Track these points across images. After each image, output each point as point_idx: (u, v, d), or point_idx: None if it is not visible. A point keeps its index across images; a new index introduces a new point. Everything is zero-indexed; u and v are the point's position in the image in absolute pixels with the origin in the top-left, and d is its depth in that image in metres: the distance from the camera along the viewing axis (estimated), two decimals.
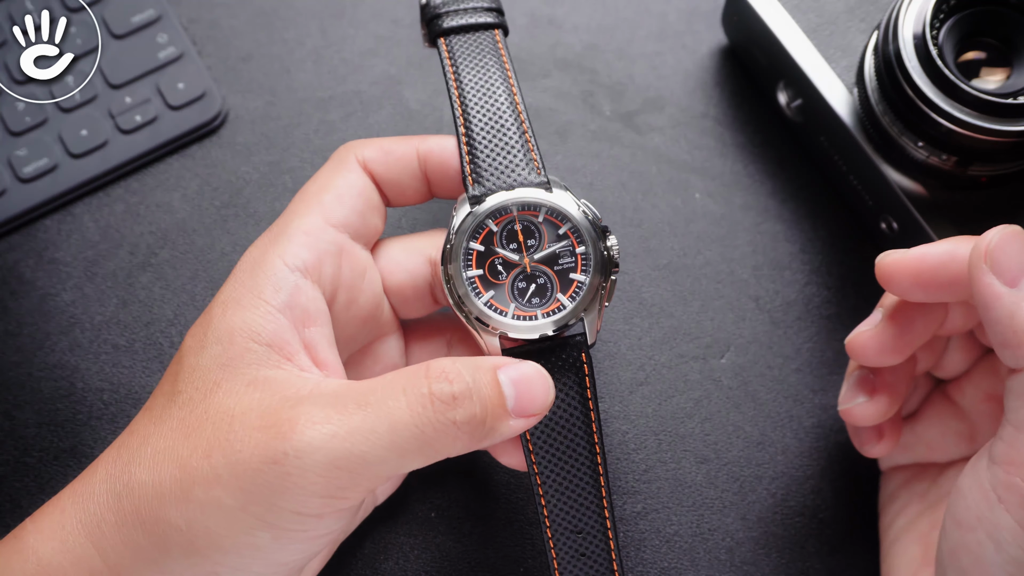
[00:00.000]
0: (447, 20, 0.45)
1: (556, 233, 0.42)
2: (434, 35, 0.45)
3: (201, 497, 0.37)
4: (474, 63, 0.44)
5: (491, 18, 0.45)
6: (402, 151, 0.44)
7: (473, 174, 0.43)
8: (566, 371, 0.42)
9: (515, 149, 0.43)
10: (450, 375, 0.38)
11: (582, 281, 0.42)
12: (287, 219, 0.42)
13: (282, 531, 0.37)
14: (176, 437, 0.38)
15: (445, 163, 0.44)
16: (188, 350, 0.40)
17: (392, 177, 0.44)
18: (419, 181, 0.45)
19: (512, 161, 0.43)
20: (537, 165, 0.43)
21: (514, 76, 0.44)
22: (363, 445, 0.36)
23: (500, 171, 0.43)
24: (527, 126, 0.43)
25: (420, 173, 0.44)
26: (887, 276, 0.41)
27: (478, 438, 0.38)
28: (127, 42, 0.55)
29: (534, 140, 0.43)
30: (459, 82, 0.44)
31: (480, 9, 0.45)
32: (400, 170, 0.44)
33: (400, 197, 0.45)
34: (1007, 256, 0.37)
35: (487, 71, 0.44)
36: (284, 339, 0.40)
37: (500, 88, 0.44)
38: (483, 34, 0.45)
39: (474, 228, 0.42)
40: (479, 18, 0.45)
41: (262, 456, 0.37)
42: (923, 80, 0.44)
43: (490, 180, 0.43)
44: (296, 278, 0.41)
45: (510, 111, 0.44)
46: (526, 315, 0.42)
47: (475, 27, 0.45)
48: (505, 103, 0.44)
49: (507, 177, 0.43)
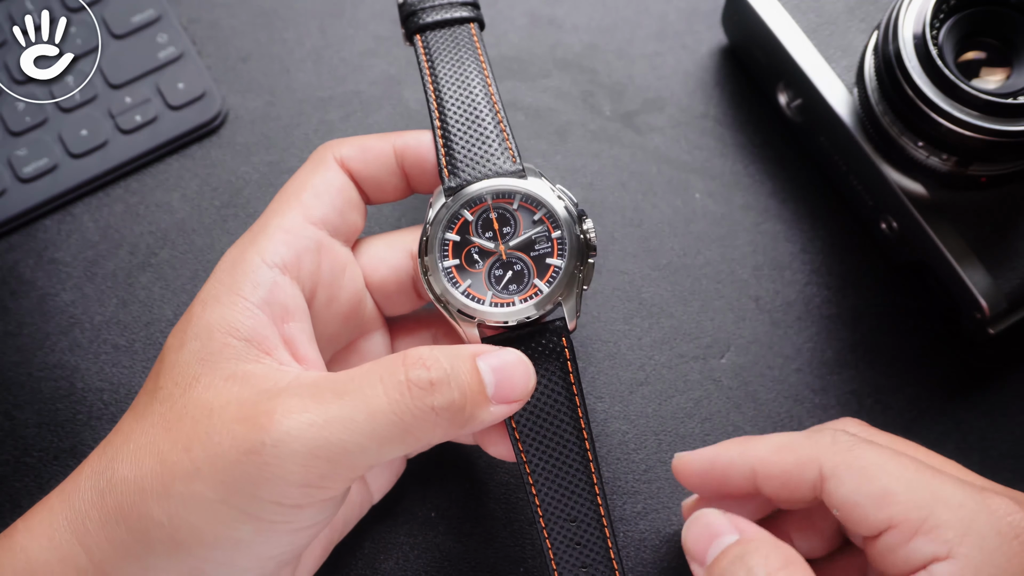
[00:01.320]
0: (423, 16, 0.45)
1: (531, 219, 0.42)
2: (411, 32, 0.46)
3: (182, 491, 0.37)
4: (449, 57, 0.45)
5: (466, 12, 0.46)
6: (379, 147, 0.44)
7: (449, 166, 0.43)
8: (548, 357, 0.42)
9: (490, 139, 0.43)
10: (427, 362, 0.38)
11: (559, 266, 0.42)
12: (266, 218, 0.43)
13: (264, 523, 0.37)
14: (157, 432, 0.39)
15: (421, 157, 0.44)
16: (169, 348, 0.40)
17: (370, 174, 0.44)
18: (397, 177, 0.45)
19: (487, 151, 0.43)
20: (512, 154, 0.43)
21: (489, 68, 0.45)
22: (342, 433, 0.37)
23: (475, 162, 0.43)
24: (502, 116, 0.44)
25: (398, 169, 0.45)
26: (679, 476, 0.45)
27: (458, 424, 0.38)
28: (127, 42, 0.55)
29: (509, 129, 0.43)
30: (434, 76, 0.44)
31: (455, 4, 0.46)
32: (378, 166, 0.44)
33: (379, 194, 0.45)
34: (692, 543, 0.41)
35: (462, 64, 0.44)
36: (263, 334, 0.40)
37: (475, 79, 0.44)
38: (459, 28, 0.45)
39: (449, 218, 0.42)
40: (454, 13, 0.45)
41: (241, 447, 0.37)
42: (923, 80, 0.44)
43: (465, 171, 0.43)
44: (275, 275, 0.41)
45: (485, 102, 0.44)
46: (503, 302, 0.42)
47: (450, 22, 0.45)
48: (480, 94, 0.44)
49: (482, 167, 0.43)
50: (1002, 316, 0.48)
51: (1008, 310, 0.48)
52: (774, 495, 0.42)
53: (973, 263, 0.47)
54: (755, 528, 0.41)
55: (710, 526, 0.41)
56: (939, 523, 0.38)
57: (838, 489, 0.40)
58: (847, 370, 0.52)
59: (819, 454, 0.41)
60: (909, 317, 0.53)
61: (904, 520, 0.38)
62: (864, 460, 0.40)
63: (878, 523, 0.39)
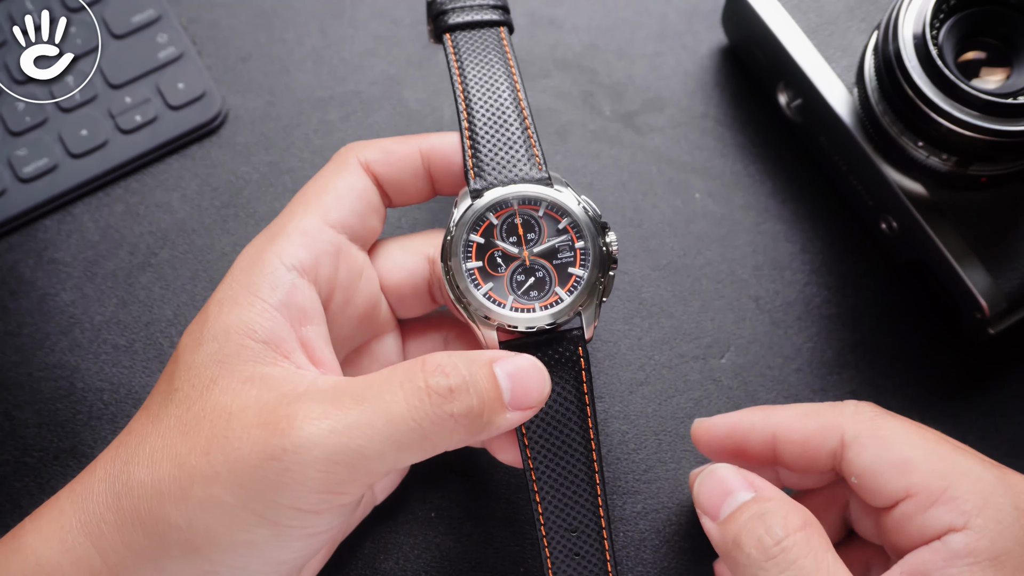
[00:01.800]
0: (453, 16, 0.45)
1: (556, 228, 0.42)
2: (440, 31, 0.45)
3: (200, 495, 0.37)
4: (479, 59, 0.45)
5: (496, 15, 0.46)
6: (404, 151, 0.44)
7: (475, 168, 0.43)
8: (563, 366, 0.42)
9: (517, 144, 0.43)
10: (446, 368, 0.38)
11: (580, 276, 0.42)
12: (285, 218, 0.42)
13: (281, 528, 0.37)
14: (174, 435, 0.38)
15: (449, 159, 0.44)
16: (184, 348, 0.40)
17: (395, 177, 0.44)
18: (422, 180, 0.45)
19: (514, 156, 0.43)
20: (539, 161, 0.43)
21: (518, 73, 0.45)
22: (361, 440, 0.36)
23: (502, 166, 0.43)
24: (530, 122, 0.44)
25: (423, 172, 0.45)
26: (697, 443, 0.45)
27: (475, 430, 0.38)
28: (127, 42, 0.55)
29: (536, 136, 0.43)
30: (463, 78, 0.44)
31: (486, 6, 0.46)
32: (402, 170, 0.44)
33: (402, 197, 0.45)
34: (705, 497, 0.41)
35: (491, 67, 0.44)
36: (280, 337, 0.40)
37: (504, 84, 0.44)
38: (488, 31, 0.45)
39: (474, 221, 0.42)
40: (485, 15, 0.45)
41: (260, 453, 0.36)
42: (923, 80, 0.44)
43: (491, 175, 0.43)
44: (293, 277, 0.41)
45: (513, 107, 0.44)
46: (524, 307, 0.42)
47: (481, 24, 0.45)
48: (508, 99, 0.44)
49: (509, 172, 0.43)
50: (1002, 316, 0.48)
51: (1008, 310, 0.48)
52: (792, 462, 0.42)
53: (973, 263, 0.47)
54: (771, 487, 0.41)
55: (724, 481, 0.41)
56: (958, 494, 0.38)
57: (859, 456, 0.40)
58: (847, 370, 0.52)
59: (842, 422, 0.41)
60: (909, 317, 0.53)
61: (923, 489, 0.39)
62: (886, 429, 0.40)
63: (897, 491, 0.39)
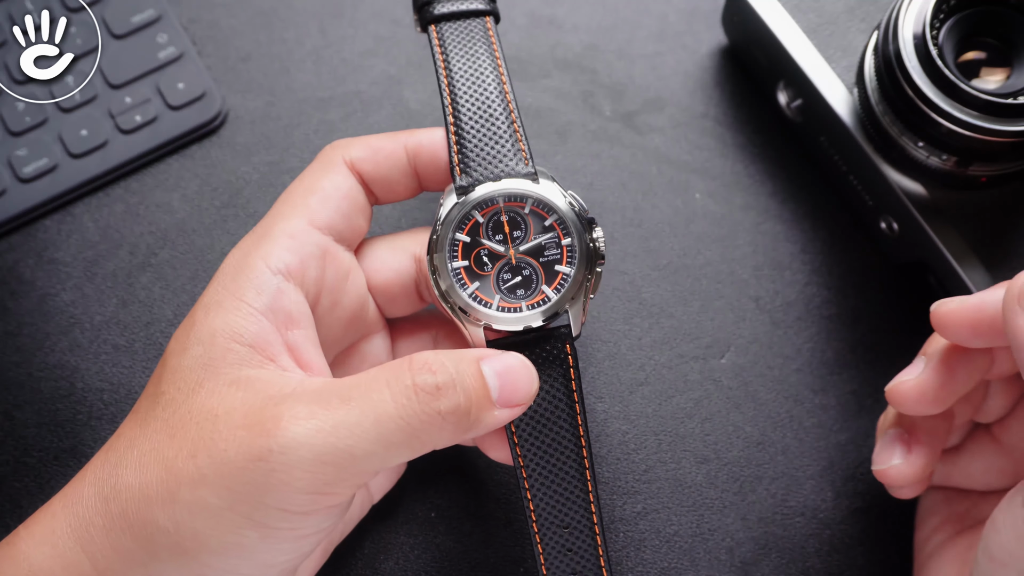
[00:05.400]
0: (438, 6, 0.45)
1: (542, 224, 0.42)
2: (425, 22, 0.45)
3: (187, 498, 0.37)
4: (464, 51, 0.44)
5: (482, 4, 0.45)
6: (390, 148, 0.44)
7: (461, 164, 0.43)
8: (551, 363, 0.42)
9: (503, 139, 0.43)
10: (433, 366, 0.38)
11: (567, 273, 0.42)
12: (271, 221, 0.42)
13: (270, 530, 0.37)
14: (161, 438, 0.38)
15: (435, 155, 0.44)
16: (171, 353, 0.40)
17: (381, 175, 0.44)
18: (408, 177, 0.44)
19: (500, 151, 0.43)
20: (525, 155, 0.43)
21: (504, 65, 0.44)
22: (349, 439, 0.36)
23: (488, 161, 0.43)
24: (516, 116, 0.43)
25: (409, 169, 0.44)
26: (944, 324, 0.41)
27: (464, 428, 0.38)
28: (127, 42, 0.55)
29: (522, 130, 0.43)
30: (448, 70, 0.44)
31: None
32: (389, 167, 0.44)
33: (389, 194, 0.45)
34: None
35: (477, 59, 0.44)
36: (266, 340, 0.40)
37: (490, 77, 0.44)
38: (474, 21, 0.45)
39: (460, 219, 0.42)
40: (470, 4, 0.45)
41: (247, 454, 0.36)
42: (923, 80, 0.44)
43: (477, 170, 0.42)
44: (278, 281, 0.40)
45: (499, 101, 0.43)
46: (511, 306, 0.42)
47: (466, 14, 0.45)
48: (494, 93, 0.44)
49: (494, 167, 0.43)
50: None
51: None
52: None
53: (973, 263, 0.47)
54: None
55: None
56: None
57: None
58: (847, 370, 0.52)
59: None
60: (909, 317, 0.53)
61: None
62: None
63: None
